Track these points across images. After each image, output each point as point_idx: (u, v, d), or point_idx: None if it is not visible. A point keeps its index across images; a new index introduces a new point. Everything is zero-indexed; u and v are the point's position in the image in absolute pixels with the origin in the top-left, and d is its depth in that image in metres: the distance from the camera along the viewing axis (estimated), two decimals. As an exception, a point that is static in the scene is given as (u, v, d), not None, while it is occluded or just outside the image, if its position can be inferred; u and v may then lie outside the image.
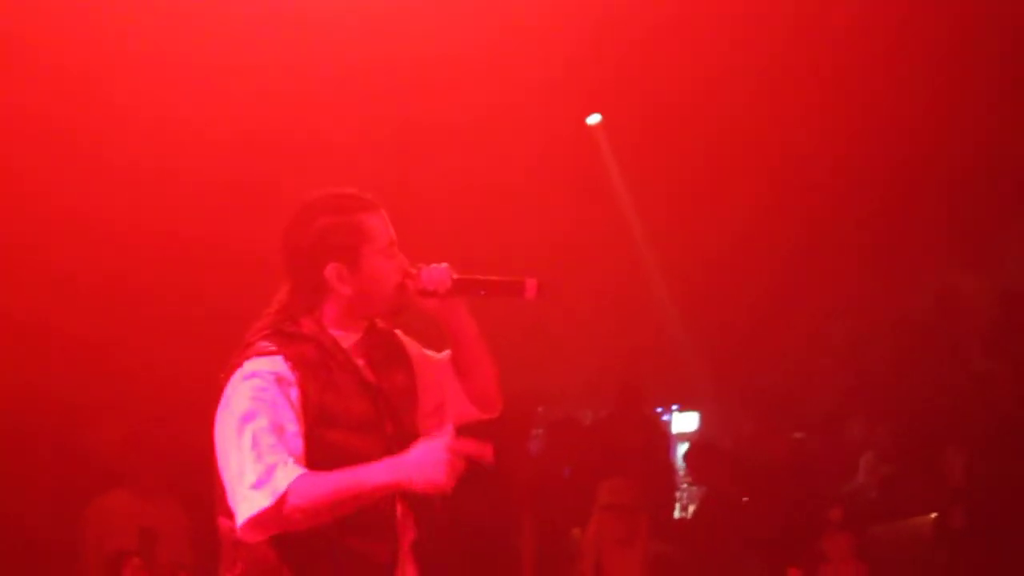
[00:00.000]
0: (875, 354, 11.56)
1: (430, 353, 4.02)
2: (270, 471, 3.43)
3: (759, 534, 9.33)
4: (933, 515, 9.16)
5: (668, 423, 12.70)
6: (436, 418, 3.92)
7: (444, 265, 3.83)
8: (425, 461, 3.41)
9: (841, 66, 9.81)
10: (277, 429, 3.49)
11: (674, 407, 12.87)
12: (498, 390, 4.01)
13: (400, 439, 3.65)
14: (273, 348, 3.62)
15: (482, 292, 3.85)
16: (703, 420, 12.94)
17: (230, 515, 3.52)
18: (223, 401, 3.58)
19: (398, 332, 3.98)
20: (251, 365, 3.58)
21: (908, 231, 11.56)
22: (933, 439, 9.58)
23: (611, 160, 11.35)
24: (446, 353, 4.00)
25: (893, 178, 10.98)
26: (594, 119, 11.16)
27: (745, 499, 10.03)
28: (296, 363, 3.60)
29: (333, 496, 3.43)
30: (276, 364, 3.58)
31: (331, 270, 3.71)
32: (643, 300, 12.37)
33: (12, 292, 8.63)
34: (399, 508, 3.72)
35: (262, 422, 3.49)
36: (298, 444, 3.51)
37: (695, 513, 10.43)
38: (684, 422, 12.91)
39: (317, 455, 3.52)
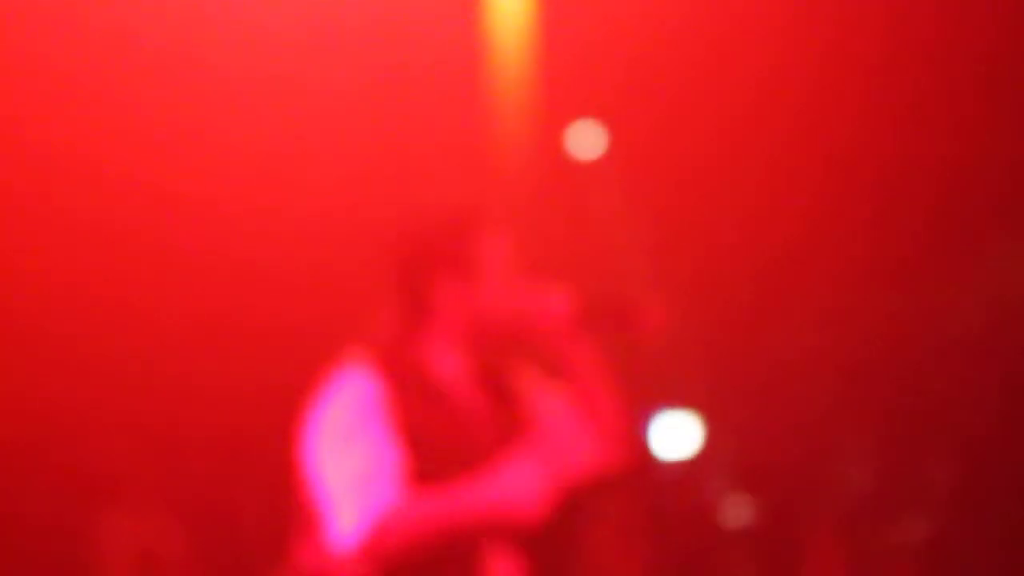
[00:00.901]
0: (866, 363, 11.57)
1: (551, 388, 3.49)
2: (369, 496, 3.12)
3: (747, 543, 9.33)
4: (923, 525, 9.18)
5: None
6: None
7: (561, 290, 3.35)
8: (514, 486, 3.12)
9: (830, 71, 9.78)
10: (378, 451, 3.16)
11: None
12: (623, 434, 3.44)
13: None
14: (365, 368, 3.22)
15: (607, 321, 3.35)
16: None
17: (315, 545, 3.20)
18: (313, 419, 3.23)
19: (515, 361, 3.50)
20: (341, 382, 3.22)
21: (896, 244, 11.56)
22: (923, 448, 9.60)
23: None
24: (563, 389, 3.45)
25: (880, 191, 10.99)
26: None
27: (734, 506, 10.04)
28: (389, 387, 3.22)
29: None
30: (369, 383, 3.22)
31: (440, 288, 3.29)
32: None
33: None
34: None
35: (362, 444, 3.17)
36: (396, 470, 3.16)
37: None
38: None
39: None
